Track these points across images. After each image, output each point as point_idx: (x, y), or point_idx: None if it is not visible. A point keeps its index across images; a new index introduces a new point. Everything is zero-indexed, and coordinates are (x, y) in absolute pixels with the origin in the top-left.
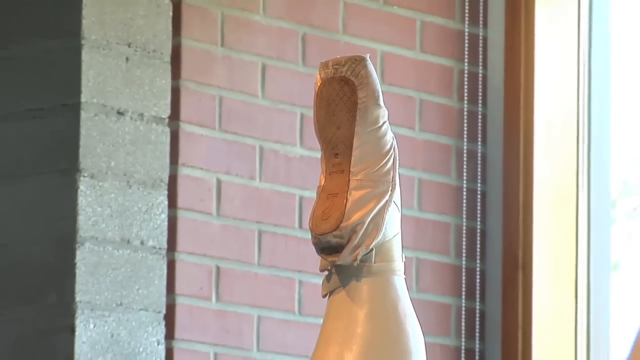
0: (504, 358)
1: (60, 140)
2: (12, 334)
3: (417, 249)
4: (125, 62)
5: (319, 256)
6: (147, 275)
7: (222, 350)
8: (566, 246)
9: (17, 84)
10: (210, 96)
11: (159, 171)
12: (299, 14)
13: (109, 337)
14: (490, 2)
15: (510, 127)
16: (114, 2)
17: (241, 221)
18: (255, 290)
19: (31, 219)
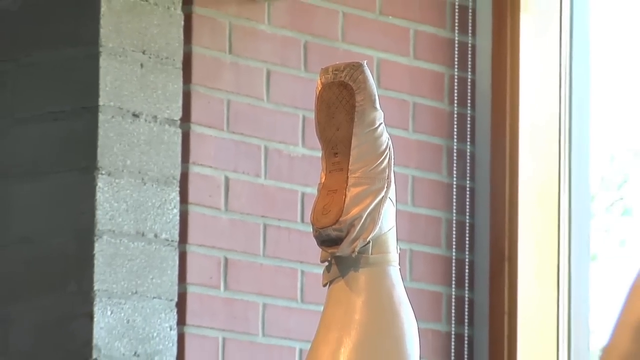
0: (491, 343)
1: (80, 141)
2: (35, 320)
3: (410, 241)
4: (140, 68)
5: (320, 248)
6: (160, 265)
7: (230, 335)
8: (549, 239)
9: (40, 88)
10: (219, 100)
11: (171, 169)
12: (301, 23)
13: (125, 323)
14: (479, 12)
15: (497, 128)
16: (129, 13)
17: (247, 215)
18: (261, 279)
19: (53, 214)
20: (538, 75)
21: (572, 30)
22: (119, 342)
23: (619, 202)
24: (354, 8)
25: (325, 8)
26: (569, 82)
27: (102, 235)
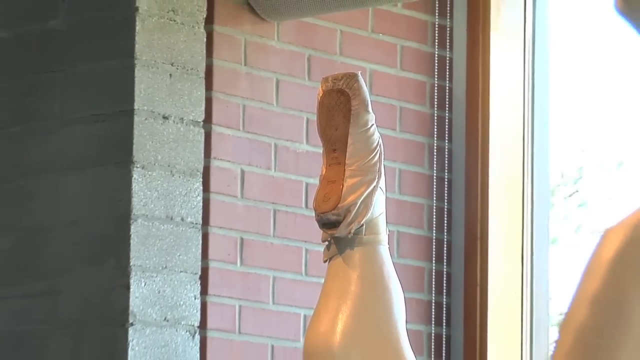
0: (465, 309)
1: (118, 139)
2: (80, 291)
3: (397, 224)
4: (169, 77)
5: (321, 230)
6: (186, 244)
7: (245, 304)
8: (514, 223)
9: (84, 95)
10: (236, 104)
11: (195, 163)
12: (305, 40)
13: (157, 293)
14: (455, 31)
15: (471, 129)
16: (160, 31)
17: (260, 202)
18: (271, 256)
19: (95, 201)
20: (505, 83)
21: (534, 46)
22: (152, 309)
23: (575, 194)
24: (349, 27)
25: (326, 27)
26: (531, 89)
27: (137, 219)
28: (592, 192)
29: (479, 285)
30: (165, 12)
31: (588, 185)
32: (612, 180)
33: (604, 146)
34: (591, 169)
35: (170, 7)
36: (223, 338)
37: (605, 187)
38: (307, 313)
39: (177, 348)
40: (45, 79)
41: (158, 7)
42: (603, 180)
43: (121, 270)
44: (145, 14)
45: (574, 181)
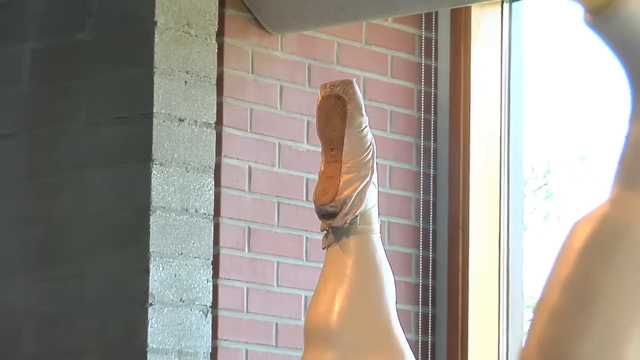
0: (449, 292)
1: (139, 139)
2: (105, 274)
3: (388, 215)
4: (184, 84)
5: (320, 220)
6: (199, 233)
7: (252, 286)
8: (492, 213)
9: (109, 100)
10: (244, 108)
11: (207, 161)
12: (305, 50)
13: (173, 277)
14: (440, 42)
15: (454, 130)
16: (176, 43)
17: (265, 195)
18: (275, 243)
19: (119, 194)
20: (484, 89)
21: (509, 56)
22: (169, 291)
23: (543, 187)
24: (345, 39)
25: (324, 39)
26: (507, 94)
27: (155, 211)
28: (559, 185)
29: (461, 269)
30: (180, 25)
31: (555, 179)
32: (576, 173)
33: (570, 143)
34: (558, 164)
35: (186, 22)
36: (232, 317)
37: (570, 180)
38: (307, 294)
39: (191, 326)
40: (74, 85)
41: (174, 21)
42: (568, 173)
43: (141, 256)
44: (163, 28)
45: (543, 175)
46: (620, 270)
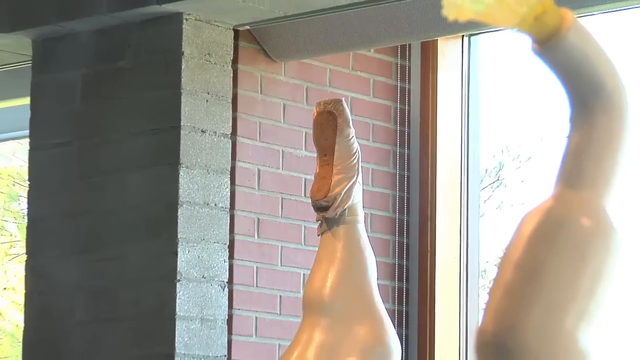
0: (419, 270)
1: (169, 147)
2: (142, 256)
3: (371, 208)
4: (205, 102)
5: (316, 212)
6: (218, 222)
7: (261, 265)
8: (454, 206)
9: (144, 115)
10: (254, 122)
11: (224, 164)
12: (304, 75)
13: (197, 258)
14: (412, 69)
15: (423, 140)
16: (200, 69)
17: (271, 192)
18: (279, 231)
19: (153, 191)
20: (448, 107)
21: (469, 80)
22: (193, 270)
23: (496, 182)
24: (336, 66)
25: (319, 66)
26: (466, 111)
27: (182, 205)
28: (508, 180)
29: (429, 252)
30: (203, 55)
31: (506, 175)
32: (523, 170)
33: (517, 147)
34: (508, 163)
35: (207, 52)
36: (244, 290)
37: (518, 176)
38: (305, 272)
39: (211, 298)
40: (116, 103)
41: (198, 52)
42: (516, 172)
43: (171, 241)
44: (189, 57)
45: (496, 172)
46: (561, 254)
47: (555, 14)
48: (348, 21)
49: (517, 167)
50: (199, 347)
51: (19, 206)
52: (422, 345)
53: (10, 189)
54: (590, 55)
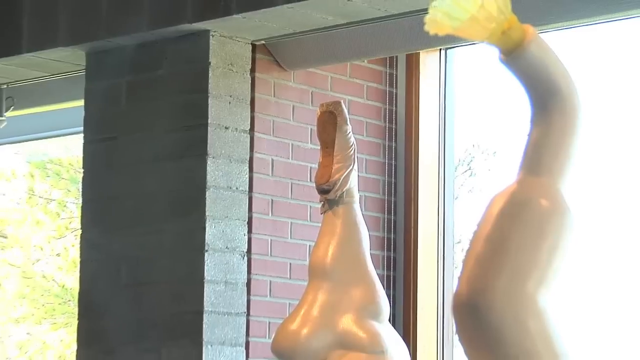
0: (404, 242)
1: (199, 140)
2: (176, 231)
3: (364, 191)
4: (228, 104)
5: (319, 195)
6: (239, 203)
7: (274, 238)
8: (433, 189)
9: (179, 114)
10: (269, 120)
11: (244, 155)
12: (310, 81)
13: (221, 232)
14: (398, 76)
15: (408, 135)
16: (223, 76)
17: (282, 178)
18: (289, 210)
19: (185, 177)
20: (428, 108)
21: (445, 86)
22: (218, 241)
23: (468, 171)
24: (336, 74)
25: (321, 74)
26: (443, 111)
27: (210, 188)
28: (478, 170)
29: (413, 227)
30: (226, 65)
31: (476, 165)
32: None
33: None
34: (478, 156)
35: (230, 62)
36: (260, 259)
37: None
38: (310, 244)
39: (233, 265)
40: (155, 105)
41: (222, 62)
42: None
43: (200, 218)
44: (215, 66)
45: (468, 163)
46: (523, 229)
47: (519, 29)
48: (345, 37)
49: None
50: (223, 305)
51: (78, 189)
52: (407, 304)
53: (71, 175)
54: (548, 64)
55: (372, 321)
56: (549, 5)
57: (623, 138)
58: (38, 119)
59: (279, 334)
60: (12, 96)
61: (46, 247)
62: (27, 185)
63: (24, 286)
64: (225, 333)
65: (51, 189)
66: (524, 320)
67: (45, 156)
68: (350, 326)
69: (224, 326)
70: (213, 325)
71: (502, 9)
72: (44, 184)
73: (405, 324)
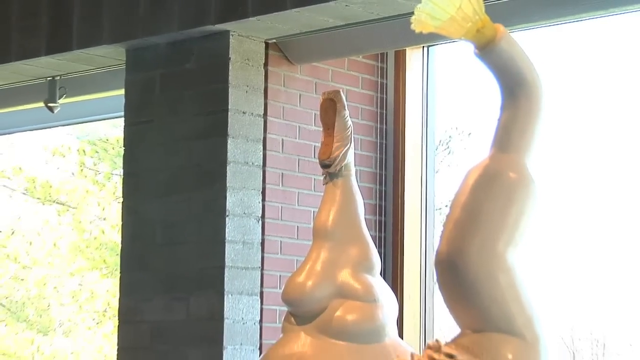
0: (393, 207)
1: (221, 123)
2: (202, 199)
3: (360, 165)
4: (245, 93)
5: (322, 169)
6: (254, 176)
7: (284, 205)
8: (416, 162)
9: (204, 101)
10: (279, 106)
11: (259, 135)
12: (314, 74)
13: (240, 200)
14: (388, 69)
15: (396, 118)
16: (241, 69)
17: (291, 155)
18: (297, 181)
19: (209, 153)
20: (413, 96)
21: (427, 78)
22: (237, 207)
23: (447, 149)
24: (335, 67)
25: (324, 67)
26: (426, 99)
27: (230, 163)
28: (455, 148)
29: (400, 196)
30: (244, 59)
31: (453, 144)
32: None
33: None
34: (455, 136)
35: (247, 57)
36: (272, 222)
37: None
38: (314, 210)
39: (249, 228)
40: (184, 94)
41: (240, 57)
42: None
43: (222, 189)
44: (234, 61)
45: (447, 143)
46: (494, 198)
47: (491, 28)
48: (344, 36)
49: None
50: (241, 261)
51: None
52: (395, 261)
53: (116, 152)
54: (516, 58)
55: (366, 275)
56: (516, 9)
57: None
58: (86, 105)
59: (288, 286)
60: (64, 86)
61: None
62: (79, 160)
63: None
64: (243, 284)
65: (99, 163)
66: (494, 274)
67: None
68: (348, 279)
69: (242, 279)
70: (233, 278)
71: (477, 11)
72: (93, 159)
73: (393, 277)
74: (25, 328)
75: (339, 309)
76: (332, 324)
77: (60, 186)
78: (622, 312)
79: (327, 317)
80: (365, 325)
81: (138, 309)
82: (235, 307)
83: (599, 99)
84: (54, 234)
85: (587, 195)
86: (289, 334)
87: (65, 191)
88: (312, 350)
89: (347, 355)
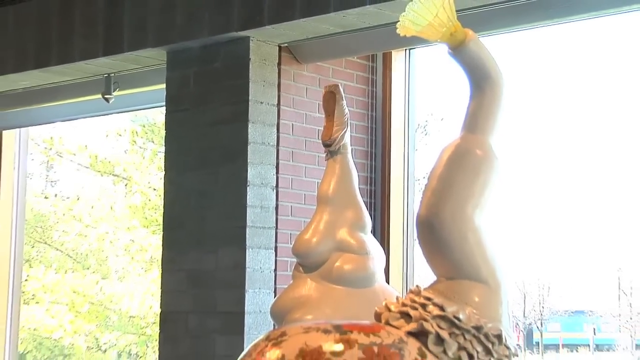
0: (381, 180)
1: (242, 111)
2: (227, 172)
3: (354, 145)
4: (262, 86)
5: (324, 148)
6: (269, 153)
7: (294, 177)
8: (400, 144)
9: (228, 93)
10: (290, 97)
11: (273, 120)
12: (318, 71)
13: (258, 173)
14: (377, 68)
15: (384, 108)
16: (259, 68)
17: (300, 137)
18: (304, 158)
19: (233, 134)
20: (397, 90)
21: (409, 75)
22: (256, 179)
23: (425, 131)
24: (335, 66)
25: (326, 66)
26: (408, 92)
27: (250, 143)
28: (431, 130)
29: (387, 169)
30: (261, 60)
31: (430, 128)
32: (440, 125)
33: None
34: (431, 121)
35: (264, 58)
36: (285, 191)
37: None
38: (318, 180)
39: (266, 195)
40: (213, 87)
41: (258, 58)
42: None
43: (243, 164)
44: (253, 61)
45: (424, 126)
46: (463, 170)
47: (462, 32)
48: (342, 41)
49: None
50: (259, 221)
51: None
52: (383, 222)
53: (161, 134)
54: (482, 57)
55: (360, 233)
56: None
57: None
58: (135, 96)
59: (297, 241)
60: (117, 81)
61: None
62: (131, 139)
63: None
64: (261, 241)
65: (147, 143)
66: (464, 233)
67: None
68: (345, 236)
69: (260, 236)
70: (253, 235)
71: (450, 18)
72: (142, 139)
73: (382, 234)
74: (90, 274)
75: (338, 260)
76: (333, 272)
77: (115, 161)
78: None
79: (329, 267)
80: (359, 274)
81: (177, 260)
82: (254, 258)
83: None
84: (110, 200)
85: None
86: (297, 280)
87: (119, 164)
88: (317, 293)
89: (345, 297)
